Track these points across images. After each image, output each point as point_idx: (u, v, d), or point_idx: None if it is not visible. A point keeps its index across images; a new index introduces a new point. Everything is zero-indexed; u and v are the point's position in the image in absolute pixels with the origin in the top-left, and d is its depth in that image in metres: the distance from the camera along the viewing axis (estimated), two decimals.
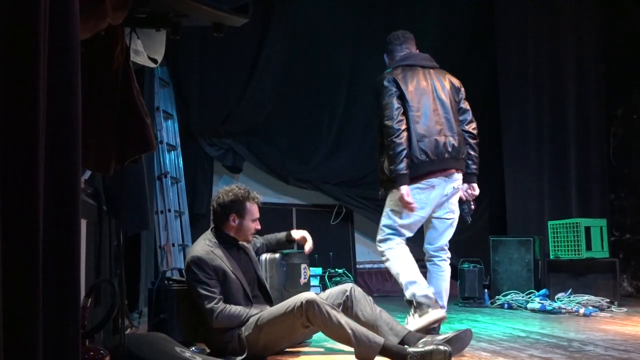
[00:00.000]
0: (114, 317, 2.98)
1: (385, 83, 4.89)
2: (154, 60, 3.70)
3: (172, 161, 7.00)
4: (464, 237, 8.39)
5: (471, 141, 5.00)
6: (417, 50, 5.18)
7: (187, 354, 3.23)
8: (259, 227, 4.19)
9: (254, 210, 4.12)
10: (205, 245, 3.99)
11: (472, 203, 5.06)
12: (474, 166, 4.97)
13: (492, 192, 8.48)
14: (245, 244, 4.21)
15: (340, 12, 8.18)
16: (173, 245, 6.67)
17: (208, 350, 3.97)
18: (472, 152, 4.97)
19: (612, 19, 8.06)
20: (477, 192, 4.99)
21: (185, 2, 2.50)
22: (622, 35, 7.89)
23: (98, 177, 3.96)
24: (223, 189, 4.19)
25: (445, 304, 4.89)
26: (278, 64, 7.79)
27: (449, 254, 5.05)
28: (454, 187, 4.86)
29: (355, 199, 8.23)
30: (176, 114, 7.18)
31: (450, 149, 4.78)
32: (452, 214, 4.96)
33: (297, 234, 4.57)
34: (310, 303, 3.59)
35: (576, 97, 8.10)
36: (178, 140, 7.12)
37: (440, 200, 4.84)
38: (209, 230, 4.15)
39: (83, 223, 3.27)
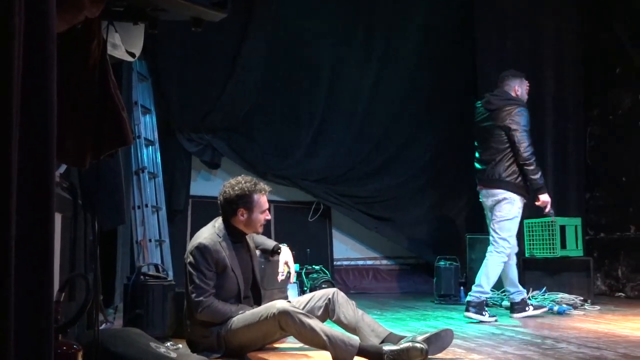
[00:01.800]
0: (88, 312, 2.96)
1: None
2: (132, 54, 3.67)
3: (150, 156, 6.97)
4: (441, 234, 8.47)
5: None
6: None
7: (162, 349, 3.22)
8: (269, 217, 4.10)
9: (262, 201, 4.01)
10: (214, 235, 3.91)
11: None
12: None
13: (470, 190, 8.54)
14: (249, 241, 4.16)
15: (322, 8, 8.19)
16: (150, 240, 6.64)
17: (180, 346, 3.95)
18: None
19: (590, 20, 8.13)
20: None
21: None
22: (599, 37, 7.97)
23: (74, 171, 3.93)
24: (229, 182, 4.05)
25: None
26: (258, 60, 7.79)
27: None
28: None
29: (333, 196, 8.24)
30: (154, 109, 7.14)
31: None
32: None
33: (284, 255, 4.30)
34: (283, 313, 3.59)
35: (554, 97, 8.16)
36: (156, 135, 7.08)
37: None
38: (219, 219, 4.04)
39: (58, 217, 3.25)
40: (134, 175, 6.66)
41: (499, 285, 6.99)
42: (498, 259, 5.62)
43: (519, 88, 5.89)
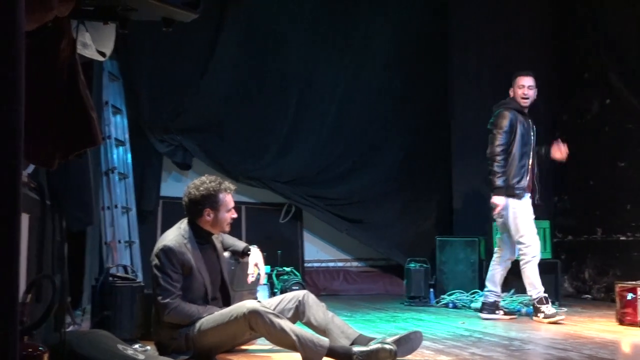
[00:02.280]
0: (55, 314, 2.93)
1: None
2: (103, 54, 3.65)
3: (120, 156, 6.91)
4: (411, 237, 8.52)
5: None
6: None
7: (130, 351, 3.20)
8: (235, 215, 4.09)
9: (228, 200, 4.02)
10: (179, 237, 3.89)
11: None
12: None
13: (440, 193, 8.61)
14: (216, 243, 4.15)
15: (295, 10, 8.19)
16: (119, 242, 6.59)
17: (149, 348, 3.92)
18: None
19: (561, 26, 8.23)
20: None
21: None
22: (569, 43, 8.07)
23: (42, 171, 3.89)
24: (193, 183, 4.04)
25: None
26: (230, 61, 7.77)
27: None
28: None
29: (305, 198, 8.24)
30: (125, 109, 7.09)
31: None
32: None
33: (254, 257, 4.28)
34: (253, 313, 3.58)
35: None
36: (127, 135, 7.02)
37: None
38: (185, 221, 4.02)
39: (25, 217, 3.21)
40: (104, 175, 6.60)
41: (469, 286, 7.08)
42: (523, 262, 5.80)
43: (512, 90, 6.07)
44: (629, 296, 5.27)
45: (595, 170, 7.59)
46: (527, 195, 5.86)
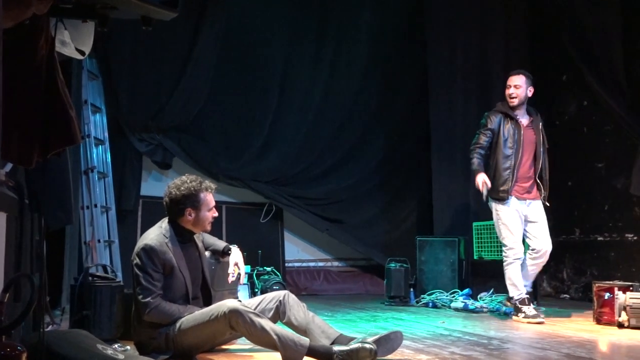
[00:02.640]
0: (34, 314, 2.92)
1: None
2: (82, 52, 3.63)
3: (100, 155, 6.87)
4: (392, 237, 8.55)
5: None
6: None
7: (109, 351, 3.19)
8: (216, 214, 4.09)
9: (209, 199, 4.02)
10: (160, 236, 3.89)
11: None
12: None
13: (420, 193, 8.64)
14: (197, 242, 4.14)
15: (274, 8, 8.19)
16: (99, 241, 6.55)
17: (128, 348, 3.91)
18: None
19: (538, 29, 8.29)
20: None
21: None
22: (546, 45, 8.13)
23: (20, 169, 3.86)
24: (173, 182, 4.03)
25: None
26: (210, 60, 7.74)
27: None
28: None
29: (285, 198, 8.24)
30: (105, 108, 7.05)
31: None
32: None
33: (234, 256, 4.28)
34: (233, 312, 3.58)
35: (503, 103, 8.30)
36: (106, 134, 6.98)
37: None
38: (166, 220, 4.02)
39: (3, 216, 3.19)
40: (83, 174, 6.56)
41: (449, 286, 7.12)
42: (505, 263, 5.92)
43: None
44: (606, 296, 5.33)
45: (573, 171, 7.65)
46: (513, 199, 5.84)
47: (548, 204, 5.96)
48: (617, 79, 6.96)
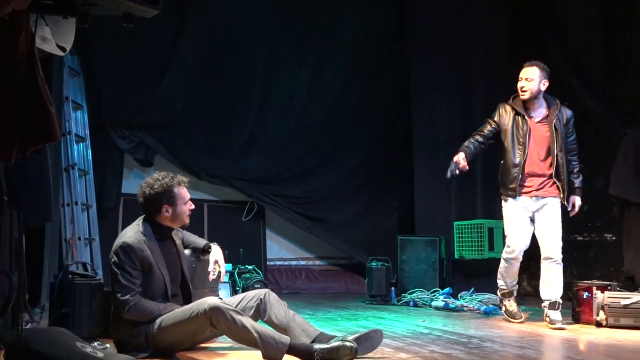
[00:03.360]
0: (13, 311, 2.90)
1: None
2: (63, 49, 3.61)
3: (81, 153, 6.83)
4: (374, 235, 8.58)
5: None
6: None
7: (89, 349, 3.17)
8: (192, 207, 4.07)
9: (183, 193, 4.00)
10: (138, 233, 3.87)
11: None
12: None
13: (402, 192, 8.67)
14: (176, 239, 4.13)
15: (258, 7, 8.17)
16: (79, 238, 6.52)
17: (108, 346, 3.89)
18: None
19: (520, 33, 8.33)
20: None
21: None
22: (527, 50, 8.16)
23: (0, 166, 3.84)
24: (146, 182, 4.01)
25: None
26: (193, 57, 7.72)
27: None
28: None
29: (267, 196, 8.24)
30: (86, 105, 7.01)
31: None
32: None
33: (214, 254, 4.26)
34: (214, 309, 3.58)
35: (485, 103, 8.33)
36: (87, 131, 6.95)
37: None
38: (143, 218, 4.01)
39: None
40: (64, 172, 6.52)
41: (430, 285, 7.15)
42: (502, 256, 5.75)
43: None
44: (585, 295, 5.38)
45: None
46: (522, 197, 5.49)
47: (566, 204, 5.58)
48: (598, 81, 7.02)
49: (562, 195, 5.48)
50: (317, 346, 3.57)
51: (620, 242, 6.75)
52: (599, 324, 5.17)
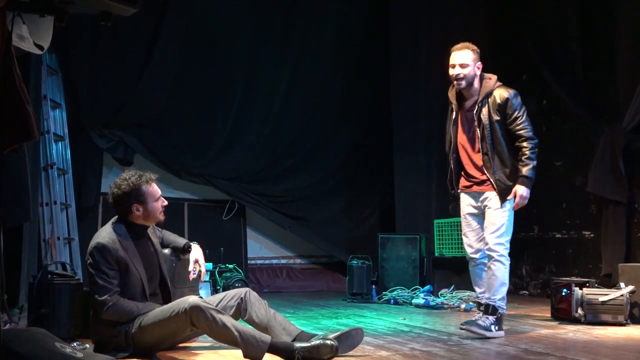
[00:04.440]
0: None
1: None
2: (40, 47, 3.58)
3: (60, 152, 6.78)
4: (354, 234, 8.60)
5: None
6: None
7: (68, 349, 3.15)
8: (165, 202, 4.06)
9: (153, 190, 3.98)
10: (112, 233, 3.85)
11: None
12: None
13: (383, 191, 8.70)
14: (153, 238, 4.11)
15: (237, 6, 8.16)
16: (58, 238, 6.47)
17: (87, 346, 3.87)
18: None
19: (499, 29, 8.38)
20: None
21: None
22: (507, 45, 8.22)
23: None
24: (114, 183, 4.00)
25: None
26: (172, 56, 7.70)
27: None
28: None
29: (248, 195, 8.23)
30: (65, 104, 6.95)
31: None
32: None
33: (194, 254, 4.23)
34: (194, 308, 3.57)
35: None
36: (66, 130, 6.90)
37: None
38: (116, 218, 3.99)
39: None
40: (42, 171, 6.47)
41: (410, 283, 7.18)
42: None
43: None
44: (564, 291, 5.42)
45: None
46: (465, 193, 4.96)
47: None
48: (576, 79, 7.08)
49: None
50: (298, 345, 3.57)
51: (599, 240, 6.81)
52: (577, 321, 5.22)
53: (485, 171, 4.81)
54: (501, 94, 4.91)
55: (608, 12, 6.91)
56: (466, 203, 4.97)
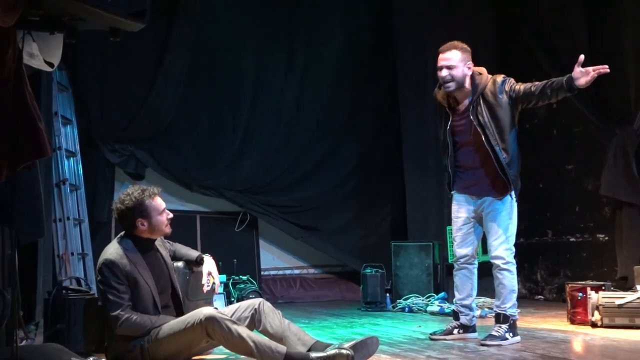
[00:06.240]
0: (7, 328, 2.89)
1: None
2: (51, 64, 3.61)
3: (72, 168, 6.82)
4: (367, 242, 8.58)
5: None
6: None
7: None
8: (170, 215, 4.07)
9: (156, 204, 3.99)
10: (119, 249, 3.87)
11: None
12: None
13: (394, 198, 8.68)
14: (162, 250, 4.12)
15: (244, 17, 8.20)
16: (72, 254, 6.49)
17: None
18: None
19: (505, 31, 8.37)
20: None
21: (80, 5, 2.46)
22: (514, 48, 8.21)
23: None
24: (118, 198, 4.02)
25: None
26: (181, 69, 7.71)
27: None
28: None
29: (259, 206, 8.23)
30: (76, 120, 6.99)
31: None
32: None
33: (207, 266, 4.26)
34: (210, 319, 3.57)
35: None
36: (77, 146, 6.93)
37: None
38: (123, 233, 4.01)
39: None
40: (55, 187, 6.50)
41: (424, 290, 7.15)
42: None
43: None
44: (579, 296, 5.39)
45: (544, 174, 7.73)
46: (460, 194, 4.79)
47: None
48: None
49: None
50: (313, 355, 3.56)
51: (613, 242, 6.77)
52: (594, 325, 5.18)
53: (496, 169, 4.58)
54: (496, 77, 4.75)
55: (616, 14, 6.89)
56: (461, 206, 4.80)
